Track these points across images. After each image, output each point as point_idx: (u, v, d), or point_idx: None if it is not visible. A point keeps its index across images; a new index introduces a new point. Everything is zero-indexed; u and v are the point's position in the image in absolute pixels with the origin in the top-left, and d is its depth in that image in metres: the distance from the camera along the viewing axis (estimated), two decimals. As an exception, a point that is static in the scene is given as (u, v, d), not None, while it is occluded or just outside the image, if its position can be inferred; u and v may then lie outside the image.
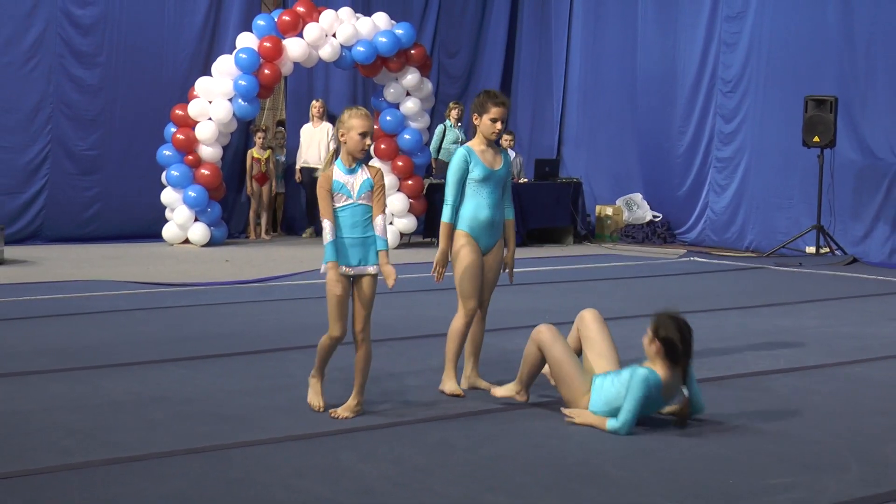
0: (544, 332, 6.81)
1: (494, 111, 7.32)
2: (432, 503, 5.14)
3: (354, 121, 6.68)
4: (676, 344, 6.38)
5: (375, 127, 16.65)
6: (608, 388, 6.55)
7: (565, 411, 6.64)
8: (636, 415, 6.34)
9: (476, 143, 7.40)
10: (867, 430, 6.55)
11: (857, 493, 5.35)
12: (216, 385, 7.45)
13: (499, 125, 7.36)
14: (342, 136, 6.71)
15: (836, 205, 15.82)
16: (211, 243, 16.11)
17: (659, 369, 6.42)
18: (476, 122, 7.42)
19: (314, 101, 17.64)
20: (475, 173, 7.29)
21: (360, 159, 6.75)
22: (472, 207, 7.32)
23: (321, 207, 6.70)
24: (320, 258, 6.64)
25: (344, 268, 6.67)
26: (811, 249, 15.83)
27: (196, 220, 16.03)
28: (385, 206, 6.78)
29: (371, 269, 6.72)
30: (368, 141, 6.73)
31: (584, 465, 5.79)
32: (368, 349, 6.79)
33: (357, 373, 6.78)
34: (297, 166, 17.60)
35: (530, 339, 6.88)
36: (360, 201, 6.69)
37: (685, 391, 6.43)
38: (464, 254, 7.31)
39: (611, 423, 6.36)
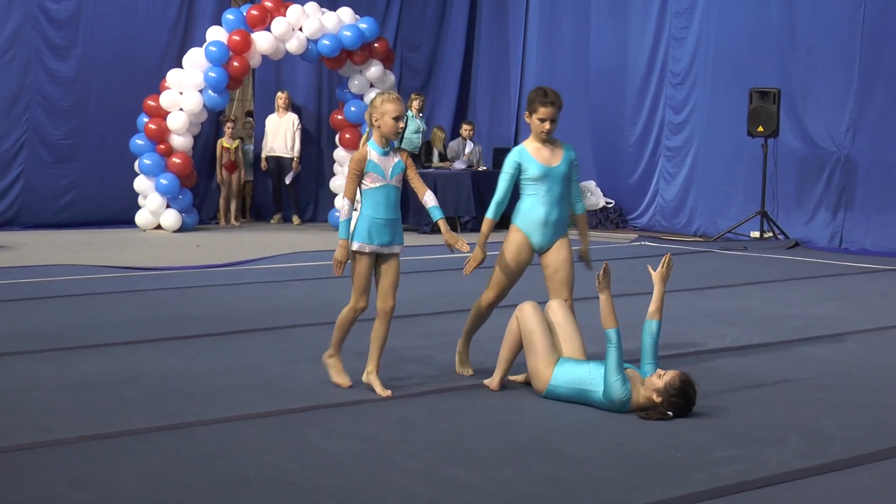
0: (526, 307, 6.82)
1: (542, 111, 7.09)
2: (395, 477, 5.15)
3: (388, 105, 6.70)
4: (675, 412, 6.28)
5: (340, 117, 16.62)
6: (574, 369, 6.54)
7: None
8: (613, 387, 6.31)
9: (530, 141, 7.16)
10: (807, 406, 6.61)
11: (797, 465, 5.40)
12: (187, 365, 7.44)
13: (547, 125, 7.08)
14: (376, 120, 6.72)
15: (780, 192, 15.94)
16: (182, 229, 16.04)
17: (643, 398, 6.37)
18: (528, 120, 7.20)
19: (279, 93, 17.63)
20: (529, 172, 7.05)
21: (392, 142, 6.76)
22: (527, 204, 7.11)
23: (347, 186, 6.73)
24: (287, 243, 6.66)
25: (369, 246, 6.68)
26: (756, 234, 15.93)
27: (168, 206, 15.97)
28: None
29: (395, 249, 6.76)
30: (402, 124, 6.75)
31: (540, 440, 5.81)
32: (388, 325, 6.80)
33: (375, 348, 6.81)
34: (263, 155, 17.58)
35: (513, 314, 6.89)
36: (392, 182, 6.73)
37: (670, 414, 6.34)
38: (505, 245, 7.15)
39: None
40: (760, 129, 15.49)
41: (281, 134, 17.42)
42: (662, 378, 6.26)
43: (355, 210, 6.72)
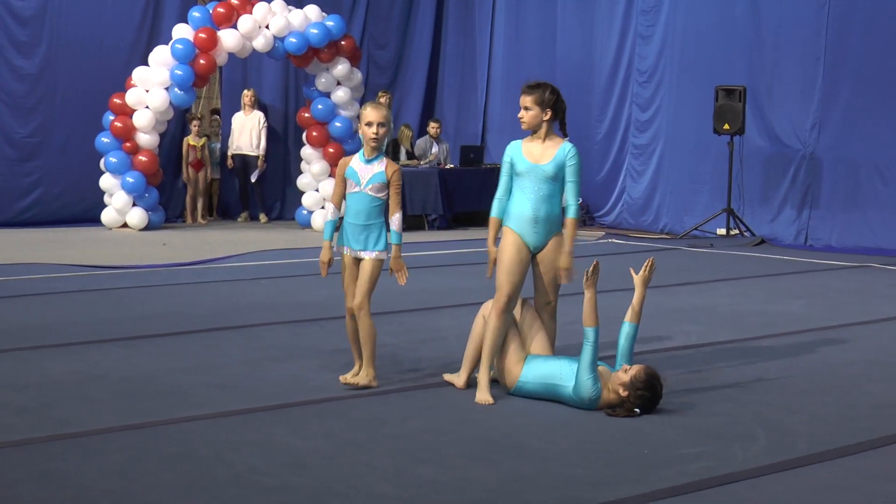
0: (491, 304, 6.81)
1: (520, 99, 6.97)
2: (363, 475, 5.14)
3: (365, 111, 6.86)
4: (641, 406, 6.28)
5: (307, 115, 16.58)
6: (544, 365, 6.56)
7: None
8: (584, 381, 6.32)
9: (529, 137, 6.97)
10: (773, 402, 6.65)
11: (764, 461, 5.43)
12: (154, 364, 7.40)
13: (521, 113, 6.91)
14: (359, 127, 6.89)
15: (746, 189, 16.01)
16: (149, 227, 15.96)
17: (611, 394, 6.39)
18: None
19: (245, 91, 17.58)
20: (516, 167, 6.87)
21: (380, 151, 6.85)
22: (514, 202, 6.86)
23: (333, 190, 6.96)
24: (253, 242, 6.66)
25: (346, 248, 6.86)
26: (722, 231, 16.00)
27: (134, 205, 15.88)
28: (400, 204, 6.83)
29: (370, 255, 6.81)
30: (376, 130, 6.79)
31: (507, 437, 5.82)
32: (366, 324, 6.81)
33: (363, 346, 6.86)
34: (229, 153, 17.52)
35: (479, 312, 6.89)
36: (366, 190, 6.79)
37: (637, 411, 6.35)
38: (501, 247, 6.90)
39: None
40: (726, 126, 15.56)
41: (247, 132, 17.37)
42: (628, 372, 6.29)
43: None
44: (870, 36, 14.88)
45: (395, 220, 6.79)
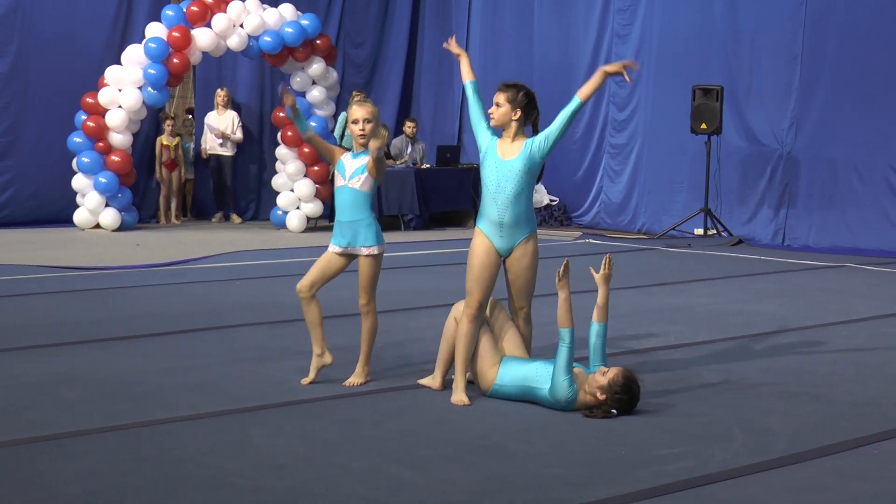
0: (462, 306, 6.82)
1: (494, 96, 7.02)
2: (340, 476, 5.15)
3: (351, 109, 7.04)
4: (619, 408, 6.28)
5: (282, 115, 16.56)
6: (520, 367, 6.57)
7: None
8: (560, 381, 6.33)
9: (501, 136, 6.93)
10: (751, 402, 6.68)
11: (742, 462, 5.46)
12: (129, 365, 7.39)
13: (491, 109, 6.94)
14: (349, 127, 7.05)
15: (723, 189, 16.07)
16: (122, 228, 15.92)
17: (588, 395, 6.40)
18: None
19: (219, 90, 17.54)
20: (485, 159, 6.80)
21: (366, 147, 6.97)
22: (483, 203, 6.81)
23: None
24: (229, 242, 6.67)
25: (335, 245, 6.99)
26: (699, 231, 16.05)
27: (107, 205, 15.83)
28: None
29: (362, 251, 6.92)
30: (363, 126, 6.95)
31: (484, 439, 5.84)
32: (372, 322, 7.03)
33: (362, 343, 7.05)
34: (203, 147, 17.43)
35: (450, 314, 6.90)
36: (349, 184, 6.93)
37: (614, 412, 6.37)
38: (471, 250, 6.82)
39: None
40: (704, 126, 15.61)
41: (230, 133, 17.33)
42: (606, 375, 6.30)
43: None
44: (847, 35, 14.96)
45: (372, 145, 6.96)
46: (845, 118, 14.97)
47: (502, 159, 6.78)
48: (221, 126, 17.31)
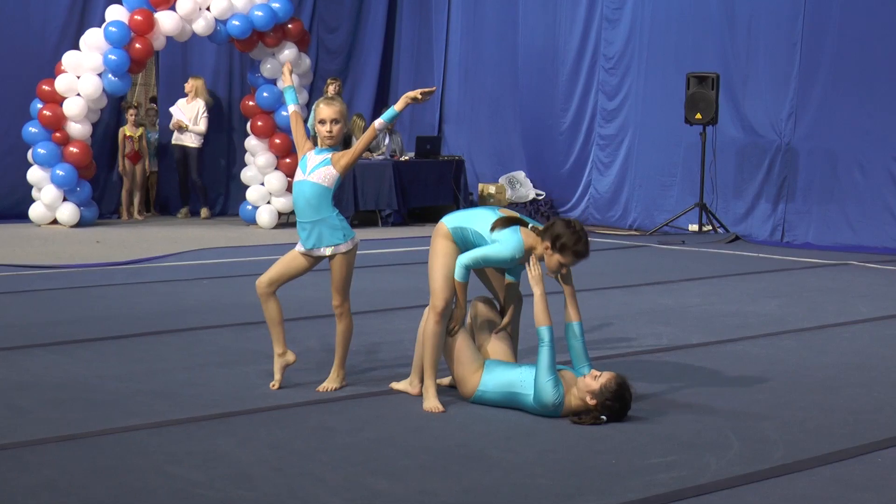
0: None
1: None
2: (312, 488, 5.15)
3: (318, 108, 6.99)
4: (609, 416, 6.29)
5: (251, 103, 16.52)
6: (504, 373, 6.57)
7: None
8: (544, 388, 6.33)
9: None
10: (747, 408, 6.69)
11: (738, 471, 5.47)
12: (87, 370, 7.37)
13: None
14: (315, 125, 7.06)
15: (719, 182, 16.10)
16: (81, 224, 15.88)
17: (576, 400, 6.42)
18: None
19: (191, 78, 17.45)
20: None
21: (333, 146, 6.98)
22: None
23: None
24: (194, 239, 6.64)
25: (301, 246, 6.98)
26: (694, 228, 16.10)
27: (65, 199, 15.78)
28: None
29: (326, 251, 6.90)
30: (330, 128, 6.92)
31: (465, 447, 5.84)
32: (346, 324, 7.02)
33: (337, 346, 7.04)
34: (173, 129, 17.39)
35: (424, 314, 6.89)
36: (309, 178, 6.89)
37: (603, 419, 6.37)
38: (437, 247, 6.97)
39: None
40: (698, 116, 15.64)
41: (187, 122, 17.28)
42: (598, 380, 6.30)
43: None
44: (849, 21, 15.02)
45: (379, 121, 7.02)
46: (846, 108, 15.03)
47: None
48: (188, 115, 17.25)
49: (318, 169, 6.87)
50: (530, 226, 6.61)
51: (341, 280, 6.94)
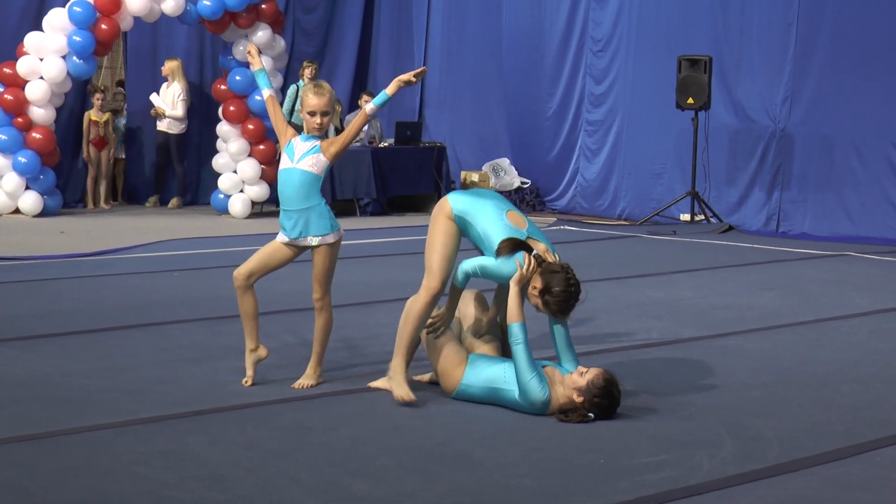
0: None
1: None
2: (287, 489, 5.14)
3: (307, 98, 6.95)
4: (597, 413, 6.30)
5: (223, 87, 16.48)
6: (489, 367, 6.57)
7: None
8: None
9: None
10: (741, 405, 6.71)
11: (732, 471, 5.48)
12: (51, 366, 7.35)
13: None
14: (302, 114, 7.01)
15: (711, 170, 16.11)
16: (44, 213, 15.84)
17: (562, 397, 6.40)
18: None
19: (167, 60, 17.38)
20: None
21: (323, 136, 7.01)
22: None
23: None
24: (165, 229, 6.65)
25: (283, 237, 6.97)
26: (686, 217, 16.12)
27: (27, 188, 15.74)
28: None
29: (312, 241, 6.91)
30: (320, 121, 6.92)
31: (447, 446, 5.84)
32: (326, 318, 7.01)
33: (315, 341, 7.04)
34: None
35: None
36: (298, 165, 6.90)
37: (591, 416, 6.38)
38: (437, 224, 6.93)
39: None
40: (690, 100, 15.64)
41: (164, 108, 17.23)
42: (584, 376, 6.31)
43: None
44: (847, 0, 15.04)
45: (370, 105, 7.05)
46: (844, 92, 15.06)
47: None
48: (167, 100, 17.20)
49: (308, 156, 6.87)
50: (534, 251, 6.58)
51: (324, 272, 6.94)
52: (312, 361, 7.05)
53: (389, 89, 6.91)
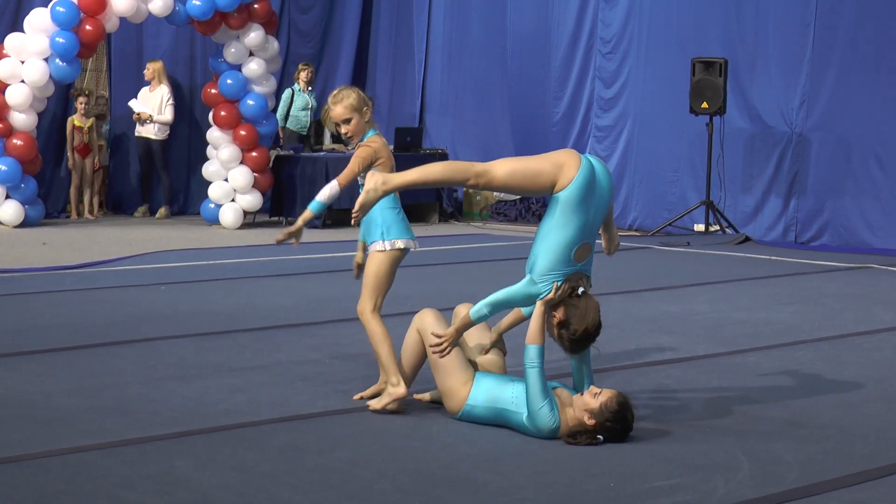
0: (427, 315, 6.82)
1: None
2: (280, 514, 5.14)
3: (331, 108, 7.11)
4: (608, 437, 6.29)
5: (214, 91, 16.49)
6: (496, 387, 6.55)
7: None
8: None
9: None
10: (758, 426, 6.70)
11: (749, 495, 5.47)
12: (32, 385, 7.34)
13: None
14: None
15: (727, 178, 16.09)
16: (25, 224, 15.85)
17: (572, 420, 6.37)
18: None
19: (149, 63, 17.41)
20: None
21: (362, 138, 7.11)
22: None
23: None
24: (152, 240, 6.63)
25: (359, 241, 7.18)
26: (700, 227, 16.11)
27: (7, 197, 15.76)
28: (347, 172, 6.99)
29: (370, 247, 7.02)
30: (344, 129, 7.09)
31: (449, 469, 5.82)
32: (369, 330, 6.97)
33: (376, 353, 7.00)
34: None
35: (412, 324, 6.90)
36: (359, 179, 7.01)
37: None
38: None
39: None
40: (705, 105, 15.64)
41: (149, 112, 17.24)
42: (597, 398, 6.28)
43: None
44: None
45: (328, 186, 6.89)
46: (863, 95, 15.07)
47: None
48: (151, 104, 17.21)
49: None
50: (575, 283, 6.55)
51: (368, 280, 6.99)
52: (381, 372, 7.02)
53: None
